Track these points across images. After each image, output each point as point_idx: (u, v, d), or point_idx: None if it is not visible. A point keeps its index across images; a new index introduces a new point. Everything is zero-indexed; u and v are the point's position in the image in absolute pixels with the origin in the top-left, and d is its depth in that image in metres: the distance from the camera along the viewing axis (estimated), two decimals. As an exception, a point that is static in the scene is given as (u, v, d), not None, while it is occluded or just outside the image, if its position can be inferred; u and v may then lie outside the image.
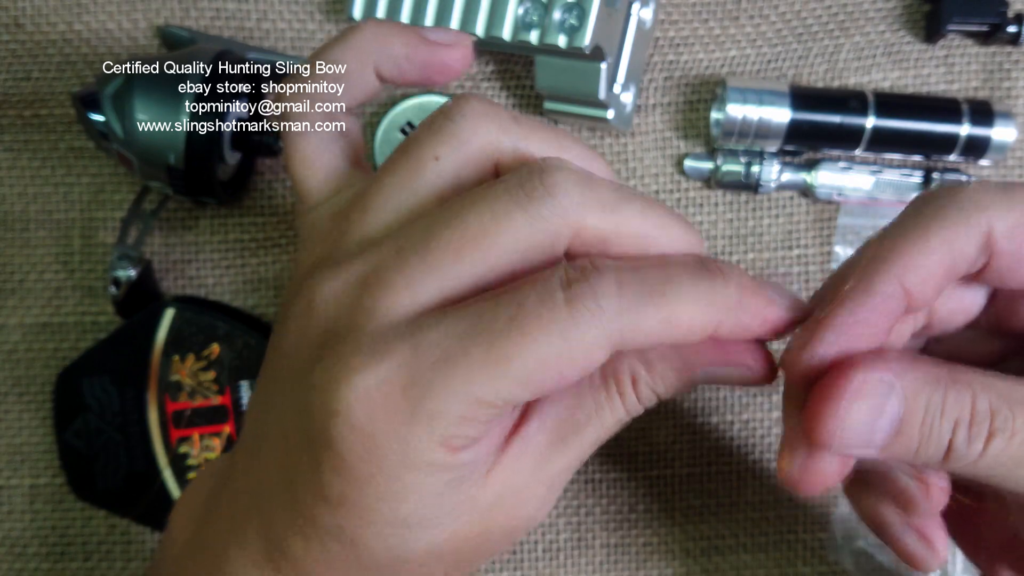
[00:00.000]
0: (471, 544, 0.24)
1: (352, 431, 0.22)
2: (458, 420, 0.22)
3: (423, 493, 0.23)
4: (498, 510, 0.24)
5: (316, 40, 0.51)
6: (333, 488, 0.23)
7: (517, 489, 0.24)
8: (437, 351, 0.22)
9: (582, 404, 0.25)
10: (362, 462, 0.22)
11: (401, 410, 0.22)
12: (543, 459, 0.25)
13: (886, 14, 0.51)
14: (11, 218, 0.51)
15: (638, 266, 0.23)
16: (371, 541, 0.23)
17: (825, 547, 0.50)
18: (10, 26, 0.50)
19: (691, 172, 0.50)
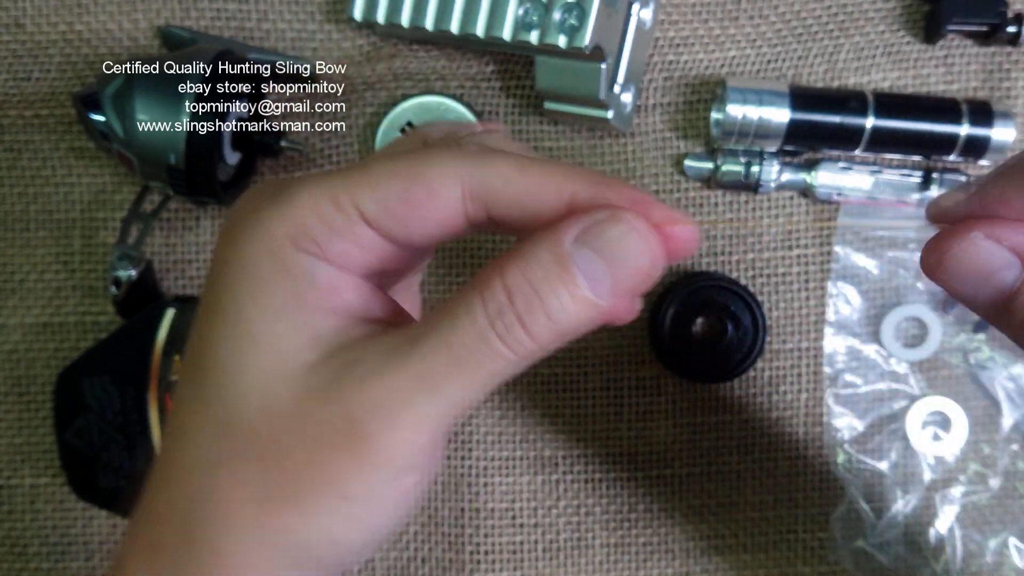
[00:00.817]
0: (308, 431, 0.23)
1: (230, 217, 0.25)
2: (307, 209, 0.23)
3: (267, 289, 0.23)
4: (315, 388, 0.24)
5: (316, 40, 0.51)
6: (206, 292, 0.25)
7: (331, 384, 0.24)
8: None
9: (444, 311, 0.24)
10: (225, 243, 0.24)
11: (267, 195, 0.24)
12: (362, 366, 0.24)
13: (886, 14, 0.51)
14: (12, 218, 0.51)
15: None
16: (221, 354, 0.24)
17: (825, 547, 0.50)
18: (11, 26, 0.50)
19: (691, 172, 0.50)
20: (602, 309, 0.23)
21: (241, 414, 0.24)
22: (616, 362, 0.51)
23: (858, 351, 0.50)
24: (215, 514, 0.24)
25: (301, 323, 0.24)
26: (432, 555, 0.51)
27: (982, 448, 0.50)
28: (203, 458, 0.24)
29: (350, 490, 0.23)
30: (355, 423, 0.23)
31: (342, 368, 0.23)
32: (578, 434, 0.51)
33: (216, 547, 0.24)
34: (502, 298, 0.23)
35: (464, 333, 0.23)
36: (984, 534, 0.49)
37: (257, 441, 0.24)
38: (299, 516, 0.24)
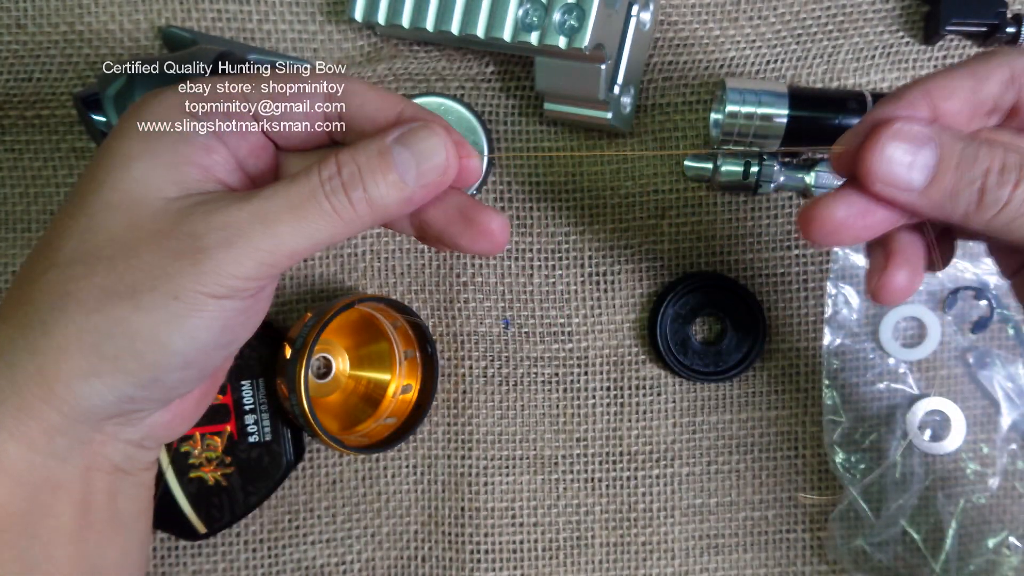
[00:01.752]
0: (137, 233, 0.29)
1: (133, 107, 0.30)
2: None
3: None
4: (165, 209, 0.29)
5: (316, 41, 0.51)
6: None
7: (188, 208, 0.29)
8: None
9: (289, 177, 0.30)
10: (128, 112, 0.30)
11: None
12: (225, 200, 0.29)
13: (884, 15, 0.51)
14: (13, 218, 0.51)
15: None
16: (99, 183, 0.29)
17: (824, 546, 0.50)
18: (12, 27, 0.50)
19: (691, 173, 0.50)
20: (408, 193, 0.30)
21: (102, 223, 0.29)
22: (616, 362, 0.51)
23: (857, 351, 0.50)
24: (58, 301, 0.29)
25: (172, 167, 0.29)
26: (432, 554, 0.51)
27: (981, 448, 0.50)
28: (59, 258, 0.29)
29: (180, 291, 0.28)
30: (197, 239, 0.28)
31: (197, 203, 0.29)
32: (578, 434, 0.51)
33: (49, 330, 0.28)
34: (333, 169, 0.29)
35: (299, 188, 0.29)
36: (983, 533, 0.49)
37: (111, 244, 0.29)
38: (132, 307, 0.28)
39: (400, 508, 0.51)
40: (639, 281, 0.51)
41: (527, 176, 0.51)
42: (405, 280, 0.51)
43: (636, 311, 0.51)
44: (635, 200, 0.51)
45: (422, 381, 0.50)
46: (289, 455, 0.49)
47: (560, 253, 0.51)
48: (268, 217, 0.28)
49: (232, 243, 0.28)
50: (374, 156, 0.29)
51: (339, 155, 0.29)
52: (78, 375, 0.29)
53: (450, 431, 0.51)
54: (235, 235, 0.28)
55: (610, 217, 0.51)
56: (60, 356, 0.28)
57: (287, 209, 0.29)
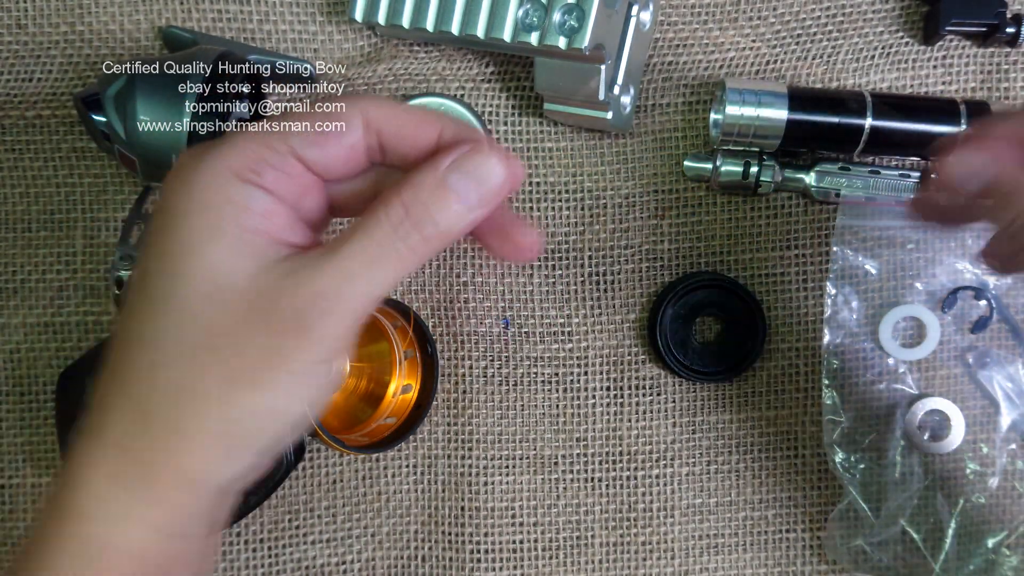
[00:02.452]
0: (233, 319, 0.29)
1: (182, 160, 0.30)
2: (248, 149, 0.29)
3: (213, 214, 0.29)
4: (262, 286, 0.29)
5: (317, 41, 0.51)
6: (154, 227, 0.30)
7: (281, 279, 0.30)
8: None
9: (358, 223, 0.30)
10: (177, 179, 0.29)
11: (216, 143, 0.29)
12: (314, 261, 0.30)
13: (884, 16, 0.51)
14: (13, 218, 0.51)
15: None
16: (186, 265, 0.29)
17: (824, 546, 0.50)
18: (12, 27, 0.50)
19: (690, 173, 0.50)
20: (472, 217, 0.31)
21: (199, 315, 0.29)
22: (616, 362, 0.51)
23: (857, 351, 0.50)
24: (179, 399, 0.29)
25: (244, 243, 0.29)
26: (432, 554, 0.51)
27: (980, 447, 0.50)
28: (167, 355, 0.29)
29: (296, 367, 0.29)
30: (298, 314, 0.29)
31: (282, 274, 0.29)
32: (578, 434, 0.51)
33: (181, 429, 0.29)
34: (400, 212, 0.30)
35: (373, 240, 0.30)
36: (982, 533, 0.49)
37: (216, 334, 0.29)
38: (256, 391, 0.29)
39: (400, 508, 0.51)
40: (639, 281, 0.51)
41: (527, 176, 0.51)
42: (405, 280, 0.51)
43: (636, 311, 0.51)
44: (635, 200, 0.51)
45: (422, 381, 0.50)
46: (289, 455, 0.49)
47: (560, 253, 0.51)
48: (353, 276, 0.29)
49: (330, 311, 0.29)
50: (436, 189, 0.30)
51: (402, 195, 0.30)
52: (217, 467, 0.30)
53: (450, 431, 0.51)
54: (330, 303, 0.29)
55: (610, 217, 0.51)
56: (198, 454, 0.29)
57: (368, 263, 0.30)
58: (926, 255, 0.50)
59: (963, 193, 0.36)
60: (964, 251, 0.50)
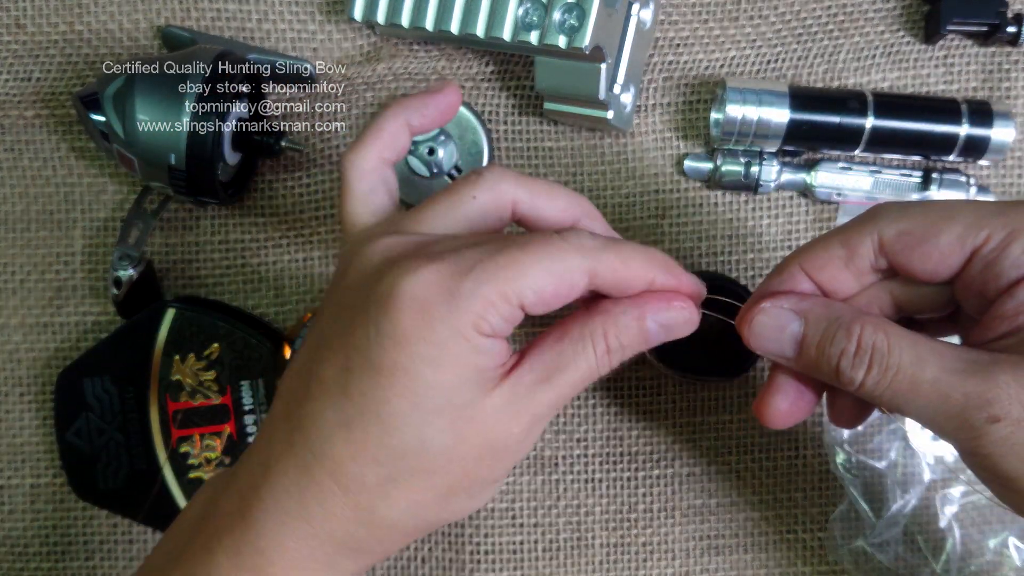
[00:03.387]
0: (470, 458, 0.32)
1: (410, 300, 0.30)
2: (486, 305, 0.30)
3: (458, 365, 0.31)
4: (495, 423, 0.32)
5: (316, 41, 0.51)
6: (386, 355, 0.30)
7: (511, 409, 0.32)
8: (475, 258, 0.31)
9: (563, 351, 0.33)
10: (414, 325, 0.30)
11: (448, 288, 0.30)
12: (532, 391, 0.32)
13: (885, 15, 0.51)
14: (12, 218, 0.51)
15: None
16: (405, 419, 0.31)
17: (825, 546, 0.50)
18: (11, 27, 0.50)
19: (691, 172, 0.50)
20: (650, 343, 0.34)
21: (417, 447, 0.31)
22: (616, 362, 0.51)
23: (858, 351, 0.50)
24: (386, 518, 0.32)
25: (476, 379, 0.32)
26: (432, 555, 0.51)
27: (981, 448, 0.50)
28: (371, 481, 0.31)
29: (499, 482, 0.35)
30: (510, 446, 0.33)
31: (536, 419, 0.33)
32: (579, 434, 0.51)
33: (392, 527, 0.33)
34: (603, 345, 0.33)
35: (582, 371, 0.33)
36: (983, 533, 0.49)
37: (427, 461, 0.32)
38: (469, 501, 0.34)
39: (400, 508, 0.51)
40: (639, 281, 0.51)
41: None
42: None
43: (636, 311, 0.51)
44: (635, 200, 0.51)
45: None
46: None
47: (560, 253, 0.51)
48: (558, 404, 0.33)
49: (533, 435, 0.34)
50: (635, 334, 0.34)
51: (607, 333, 0.33)
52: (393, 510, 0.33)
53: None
54: (538, 428, 0.34)
55: (610, 217, 0.51)
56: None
57: (571, 390, 0.33)
58: (927, 255, 0.50)
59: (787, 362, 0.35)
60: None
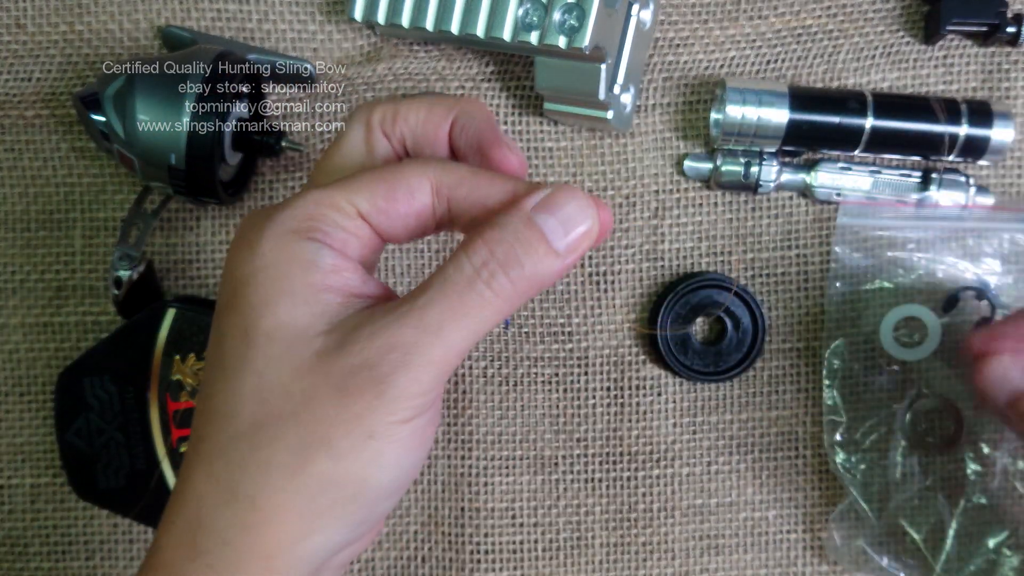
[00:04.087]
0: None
1: (237, 240, 0.29)
2: (315, 207, 0.29)
3: (291, 288, 0.28)
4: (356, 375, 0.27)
5: (316, 41, 0.51)
6: (220, 304, 0.29)
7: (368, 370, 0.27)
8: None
9: (444, 282, 0.29)
10: (237, 253, 0.29)
11: (270, 211, 0.29)
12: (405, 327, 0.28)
13: (885, 15, 0.51)
14: (12, 218, 0.51)
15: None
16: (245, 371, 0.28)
17: (825, 546, 0.50)
18: (11, 27, 0.50)
19: (691, 172, 0.50)
20: (563, 261, 0.28)
21: (273, 380, 0.28)
22: (616, 362, 0.51)
23: (857, 351, 0.50)
24: (257, 472, 0.28)
25: (312, 300, 0.28)
26: (432, 554, 0.51)
27: (981, 447, 0.50)
28: (241, 426, 0.28)
29: (374, 428, 0.27)
30: (374, 368, 0.27)
31: (354, 328, 0.28)
32: (578, 434, 0.51)
33: (257, 503, 0.27)
34: (484, 252, 0.28)
35: (456, 284, 0.28)
36: (983, 533, 0.49)
37: (289, 399, 0.27)
38: (332, 458, 0.27)
39: (400, 508, 0.51)
40: (639, 281, 0.51)
41: (527, 176, 0.51)
42: (405, 280, 0.51)
43: (636, 311, 0.51)
44: (635, 200, 0.51)
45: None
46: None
47: (560, 253, 0.51)
48: (433, 326, 0.27)
49: (408, 363, 0.27)
50: (523, 229, 0.28)
51: (485, 236, 0.28)
52: (296, 540, 0.28)
53: (450, 431, 0.51)
54: (408, 354, 0.27)
55: (610, 217, 0.51)
56: (274, 527, 0.28)
57: (450, 311, 0.27)
58: (927, 255, 0.50)
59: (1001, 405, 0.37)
60: (965, 251, 0.50)
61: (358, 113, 0.32)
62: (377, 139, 0.32)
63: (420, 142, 0.32)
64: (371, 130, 0.32)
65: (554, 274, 0.29)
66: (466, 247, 0.28)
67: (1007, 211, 0.50)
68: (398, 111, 0.31)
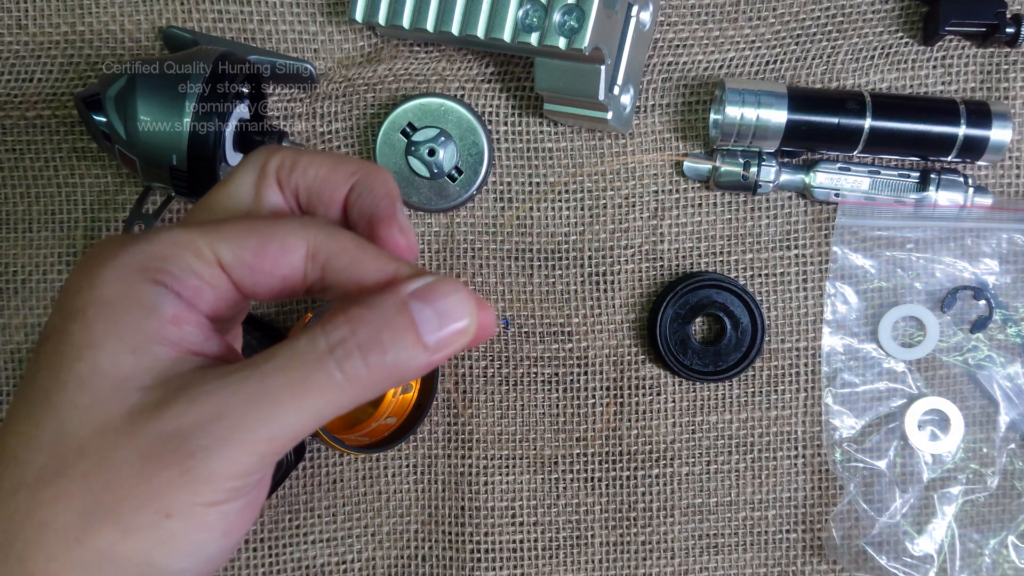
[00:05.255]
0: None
1: (78, 268, 0.26)
2: (168, 246, 0.26)
3: (125, 331, 0.25)
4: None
5: (317, 42, 0.51)
6: (45, 332, 0.26)
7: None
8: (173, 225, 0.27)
9: (292, 356, 0.25)
10: (74, 284, 0.25)
11: (122, 242, 0.26)
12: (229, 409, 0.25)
13: (884, 16, 0.51)
14: (14, 218, 0.51)
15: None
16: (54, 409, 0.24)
17: (824, 546, 0.51)
18: (13, 27, 0.51)
19: (690, 173, 0.50)
20: (430, 356, 0.25)
21: (73, 431, 0.24)
22: (616, 362, 0.51)
23: (856, 350, 0.50)
24: (33, 533, 0.24)
25: (141, 349, 0.25)
26: (432, 553, 0.51)
27: (980, 447, 0.50)
28: (29, 477, 0.24)
29: (173, 506, 0.24)
30: (184, 439, 0.24)
31: (177, 389, 0.24)
32: (578, 434, 0.51)
33: (26, 567, 0.24)
34: (345, 330, 0.25)
35: (303, 359, 0.24)
36: (983, 533, 0.50)
37: (85, 457, 0.24)
38: (118, 532, 0.24)
39: (400, 508, 0.51)
40: (639, 281, 0.51)
41: (527, 176, 0.51)
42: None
43: (636, 311, 0.51)
44: (635, 200, 0.51)
45: (422, 381, 0.50)
46: (289, 455, 0.49)
47: (560, 253, 0.51)
48: (266, 398, 0.24)
49: (227, 439, 0.24)
50: (393, 314, 0.25)
51: (349, 315, 0.25)
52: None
53: (450, 431, 0.51)
54: (229, 428, 0.24)
55: (610, 217, 0.51)
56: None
57: (289, 386, 0.24)
58: (925, 255, 0.50)
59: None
60: (963, 251, 0.50)
61: (255, 155, 0.29)
62: (268, 186, 0.29)
63: (314, 200, 0.29)
64: (265, 176, 0.28)
65: (417, 369, 0.25)
66: (325, 321, 0.25)
67: (1005, 211, 0.50)
68: (298, 161, 0.28)
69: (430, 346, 0.25)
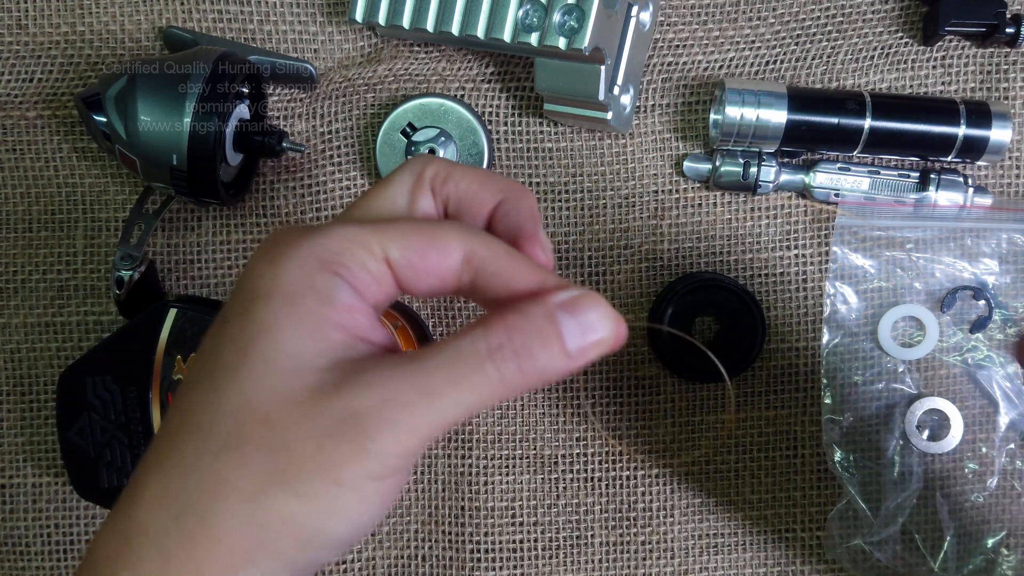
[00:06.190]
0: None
1: (259, 255, 0.28)
2: (342, 242, 0.28)
3: (303, 314, 0.27)
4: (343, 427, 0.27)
5: (317, 42, 0.51)
6: (226, 318, 0.28)
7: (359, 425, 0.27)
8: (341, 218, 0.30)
9: (454, 354, 0.28)
10: (258, 269, 0.28)
11: (300, 234, 0.28)
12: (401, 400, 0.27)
13: (883, 16, 0.51)
14: (14, 218, 0.51)
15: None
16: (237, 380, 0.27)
17: (823, 545, 0.51)
18: (13, 27, 0.51)
19: (690, 173, 0.50)
20: (571, 363, 0.28)
21: (258, 404, 0.27)
22: (616, 362, 0.51)
23: (856, 350, 0.50)
24: (212, 491, 0.27)
25: (319, 333, 0.28)
26: (433, 553, 0.51)
27: (979, 447, 0.50)
28: (213, 443, 0.27)
29: (345, 477, 0.26)
30: (359, 418, 0.26)
31: (353, 372, 0.27)
32: (578, 434, 0.51)
33: (207, 521, 0.27)
34: (503, 336, 0.28)
35: (466, 359, 0.27)
36: (982, 532, 0.50)
37: (270, 428, 0.27)
38: (294, 498, 0.26)
39: (400, 507, 0.51)
40: (639, 281, 0.51)
41: (527, 176, 0.51)
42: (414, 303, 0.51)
43: (636, 311, 0.51)
44: (635, 200, 0.51)
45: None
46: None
47: (560, 253, 0.51)
48: (431, 390, 0.27)
49: (396, 421, 0.27)
50: (543, 323, 0.28)
51: (506, 321, 0.28)
52: (235, 564, 0.27)
53: (450, 431, 0.51)
54: (398, 411, 0.27)
55: (610, 217, 0.51)
56: (217, 547, 0.27)
57: (451, 380, 0.27)
58: (925, 255, 0.50)
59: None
60: (963, 251, 0.50)
61: (412, 163, 0.32)
62: (424, 193, 0.31)
63: (462, 211, 0.32)
64: (421, 182, 0.31)
65: (559, 373, 0.28)
66: (486, 325, 0.28)
67: (1005, 211, 0.50)
68: (452, 173, 0.31)
69: (572, 354, 0.28)
